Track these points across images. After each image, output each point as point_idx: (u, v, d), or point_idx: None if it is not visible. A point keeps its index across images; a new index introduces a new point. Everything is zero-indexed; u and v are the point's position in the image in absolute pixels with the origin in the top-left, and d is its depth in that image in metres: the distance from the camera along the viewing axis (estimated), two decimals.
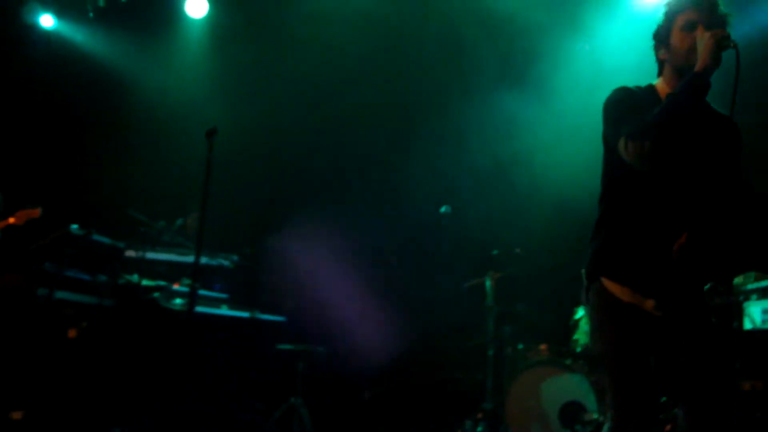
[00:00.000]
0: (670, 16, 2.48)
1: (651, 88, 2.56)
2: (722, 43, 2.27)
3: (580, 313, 5.52)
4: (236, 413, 5.22)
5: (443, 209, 5.85)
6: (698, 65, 2.28)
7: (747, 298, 4.89)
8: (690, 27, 2.41)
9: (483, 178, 6.38)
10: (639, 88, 2.53)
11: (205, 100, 6.65)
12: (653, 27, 2.58)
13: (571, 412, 5.01)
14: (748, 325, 4.76)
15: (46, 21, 6.93)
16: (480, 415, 5.36)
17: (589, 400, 5.02)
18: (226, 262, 5.77)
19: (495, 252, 5.94)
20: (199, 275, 5.09)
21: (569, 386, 5.12)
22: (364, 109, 6.65)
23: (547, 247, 6.20)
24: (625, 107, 2.43)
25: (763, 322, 4.67)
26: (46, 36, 6.94)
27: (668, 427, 4.90)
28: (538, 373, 5.23)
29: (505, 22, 6.00)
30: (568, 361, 5.26)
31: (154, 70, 6.84)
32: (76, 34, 6.98)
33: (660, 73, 2.59)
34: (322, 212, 6.69)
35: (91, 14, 6.74)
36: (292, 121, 6.66)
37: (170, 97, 6.68)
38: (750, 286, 4.95)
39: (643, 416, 2.32)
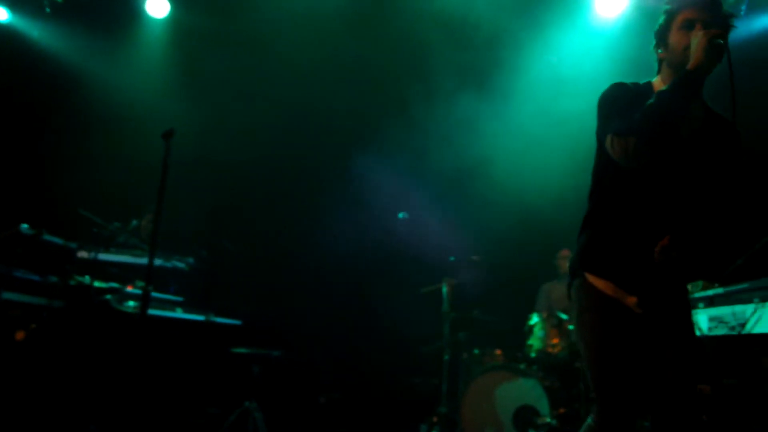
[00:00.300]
0: (671, 15, 2.47)
1: (648, 85, 2.55)
2: (715, 41, 2.25)
3: (535, 319, 5.61)
4: (190, 418, 5.14)
5: (401, 215, 5.89)
6: (690, 63, 2.27)
7: (694, 306, 5.02)
8: (688, 26, 2.39)
9: (443, 185, 6.45)
10: (636, 84, 2.51)
11: (164, 100, 6.57)
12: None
13: (525, 416, 5.09)
14: (695, 332, 4.88)
15: (1, 14, 6.77)
16: (435, 419, 5.40)
17: (542, 405, 5.10)
18: (181, 265, 5.68)
19: (452, 258, 5.99)
20: (153, 277, 5.00)
21: (523, 391, 5.20)
22: (325, 112, 6.66)
23: (503, 254, 6.28)
24: (617, 104, 2.42)
25: (710, 329, 4.80)
26: (0, 30, 6.78)
27: None
28: (493, 378, 5.29)
29: (468, 29, 6.07)
30: (522, 366, 5.34)
31: (113, 69, 6.73)
32: (32, 29, 6.82)
33: (659, 71, 2.57)
34: (279, 216, 6.67)
35: (48, 9, 6.59)
36: (252, 123, 6.61)
37: (128, 96, 6.58)
38: (697, 295, 5.08)
39: (628, 407, 2.32)
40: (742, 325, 4.40)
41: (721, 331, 4.67)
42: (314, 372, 6.35)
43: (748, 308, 4.38)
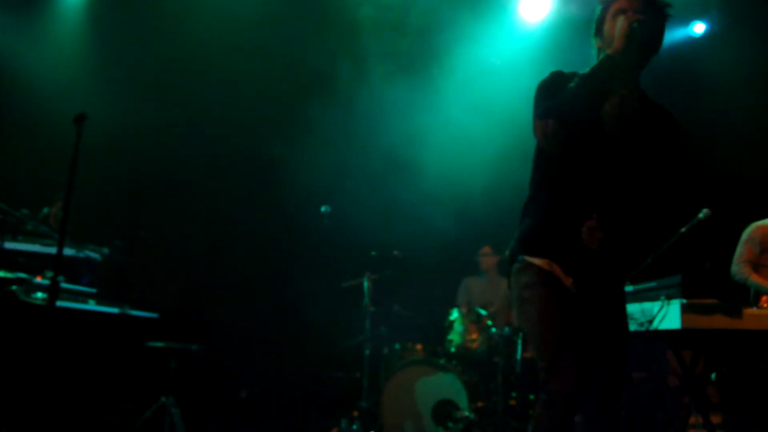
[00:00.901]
0: (607, 4, 2.53)
1: None
2: (633, 26, 2.31)
3: (455, 314, 5.72)
4: (103, 414, 4.95)
5: (323, 208, 5.86)
6: (611, 48, 2.36)
7: None
8: (621, 14, 2.43)
9: (369, 176, 6.45)
10: (574, 73, 2.52)
11: (78, 85, 6.29)
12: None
13: (444, 410, 5.18)
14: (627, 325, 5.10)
15: None
16: (356, 414, 5.42)
17: (461, 399, 5.20)
18: (94, 255, 5.45)
19: (373, 253, 6.03)
20: (65, 268, 4.78)
21: (442, 385, 5.29)
22: (247, 101, 6.52)
23: (425, 249, 6.36)
24: (547, 91, 2.47)
25: (641, 324, 5.00)
26: None
27: None
28: (413, 373, 5.36)
29: (401, 14, 6.09)
30: (442, 361, 5.43)
31: (24, 51, 6.36)
32: None
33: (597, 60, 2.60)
34: (199, 206, 6.50)
35: None
36: (170, 110, 6.43)
37: (40, 80, 6.26)
38: None
39: (574, 377, 2.33)
40: (650, 322, 4.63)
41: (630, 327, 4.89)
42: (234, 366, 6.24)
43: (656, 305, 4.62)
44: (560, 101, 2.37)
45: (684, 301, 4.46)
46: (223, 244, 6.46)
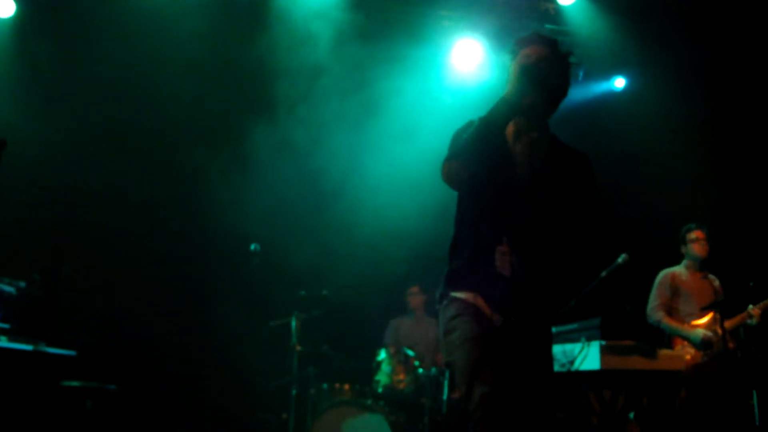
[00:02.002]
0: (513, 54, 2.64)
1: None
2: (523, 65, 2.47)
3: (383, 355, 5.72)
4: None
5: (253, 247, 5.81)
6: (507, 91, 2.51)
7: None
8: (518, 59, 2.57)
9: (299, 217, 6.44)
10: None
11: (2, 107, 6.08)
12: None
13: None
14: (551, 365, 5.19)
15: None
16: None
17: None
18: (9, 289, 5.21)
19: (302, 293, 6.00)
20: None
21: (369, 426, 5.25)
22: (177, 125, 6.39)
23: (354, 289, 6.36)
24: (458, 136, 2.59)
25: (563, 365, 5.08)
26: None
27: None
28: (340, 413, 5.31)
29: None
30: (369, 402, 5.41)
31: None
32: None
33: None
34: (123, 240, 6.31)
35: None
36: (96, 136, 6.24)
37: None
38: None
39: (503, 408, 2.34)
40: (571, 362, 4.76)
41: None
42: (155, 407, 6.02)
43: (576, 347, 4.76)
44: (459, 144, 2.51)
45: (603, 342, 4.62)
46: (149, 279, 6.28)
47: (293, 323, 5.74)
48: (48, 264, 5.84)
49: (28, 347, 4.93)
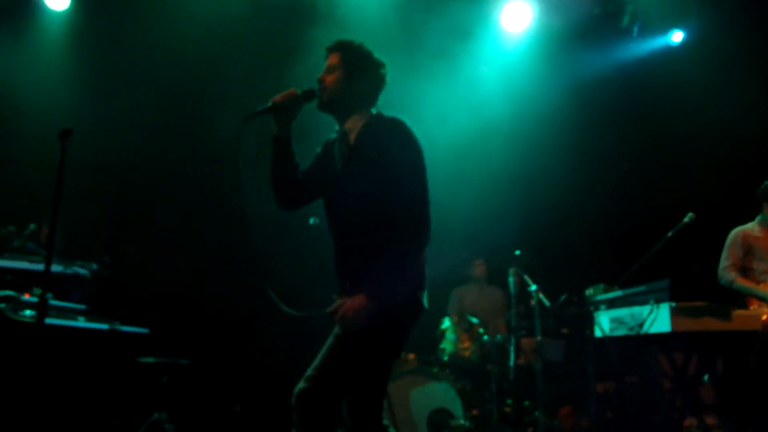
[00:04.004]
0: None
1: None
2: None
3: (446, 323, 5.74)
4: (96, 431, 4.88)
5: (312, 220, 5.84)
6: None
7: (597, 308, 5.30)
8: None
9: None
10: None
11: (63, 99, 6.21)
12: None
13: (439, 418, 5.18)
14: (598, 332, 5.16)
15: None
16: None
17: (456, 407, 5.21)
18: (83, 271, 5.39)
19: None
20: (54, 285, 4.72)
21: (436, 394, 5.29)
22: (237, 109, 6.47)
23: None
24: None
25: (611, 329, 5.08)
26: None
27: (530, 429, 5.19)
28: (407, 383, 5.35)
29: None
30: (435, 370, 5.44)
31: (4, 61, 6.28)
32: None
33: None
34: (185, 218, 6.44)
35: None
36: (154, 123, 6.37)
37: (24, 93, 6.17)
38: (599, 297, 5.38)
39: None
40: (640, 325, 4.69)
41: (621, 331, 4.96)
42: (228, 380, 6.18)
43: (645, 309, 4.68)
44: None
45: (673, 304, 4.53)
46: (212, 255, 6.40)
47: None
48: (116, 245, 6.02)
49: (104, 326, 5.10)
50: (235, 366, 6.18)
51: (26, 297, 4.89)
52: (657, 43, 7.39)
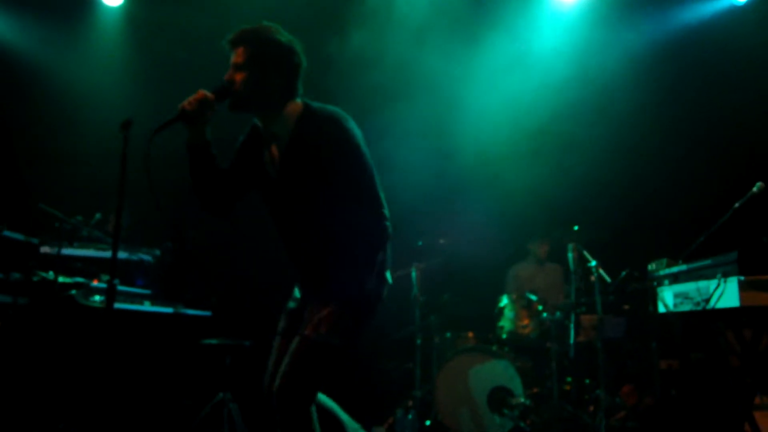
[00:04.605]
0: None
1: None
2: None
3: (505, 301, 5.69)
4: (164, 411, 5.07)
5: (420, 243, 5.93)
6: None
7: (660, 284, 5.15)
8: None
9: (413, 168, 6.43)
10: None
11: (122, 92, 6.39)
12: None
13: (499, 396, 5.17)
14: (661, 308, 5.02)
15: None
16: (410, 403, 5.44)
17: (515, 385, 5.18)
18: (147, 257, 5.58)
19: (420, 243, 6.02)
20: (119, 271, 4.90)
21: (496, 372, 5.28)
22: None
23: (471, 237, 6.32)
24: None
25: (675, 305, 4.92)
26: None
27: (591, 407, 5.12)
28: (466, 360, 5.36)
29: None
30: (494, 348, 5.42)
31: (67, 59, 6.48)
32: None
33: None
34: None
35: None
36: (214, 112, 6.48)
37: (86, 87, 6.37)
38: (662, 272, 5.22)
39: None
40: (707, 301, 4.53)
41: (686, 306, 4.80)
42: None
43: (712, 284, 4.52)
44: None
45: (742, 278, 4.35)
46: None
47: (413, 274, 5.79)
48: (177, 230, 6.18)
49: (169, 310, 5.28)
50: None
51: (95, 283, 5.10)
52: (721, 3, 7.05)
